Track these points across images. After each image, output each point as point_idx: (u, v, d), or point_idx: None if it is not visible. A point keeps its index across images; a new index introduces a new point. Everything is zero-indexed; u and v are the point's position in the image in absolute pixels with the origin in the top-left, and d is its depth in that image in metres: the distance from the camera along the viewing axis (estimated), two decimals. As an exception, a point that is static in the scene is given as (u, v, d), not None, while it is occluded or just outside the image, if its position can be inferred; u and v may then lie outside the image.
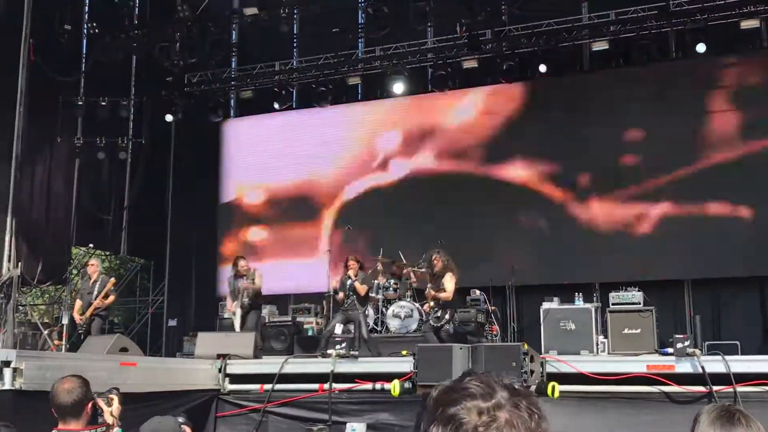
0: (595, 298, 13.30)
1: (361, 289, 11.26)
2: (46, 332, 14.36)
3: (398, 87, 15.72)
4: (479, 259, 14.51)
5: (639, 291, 11.61)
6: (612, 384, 8.10)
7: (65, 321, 12.06)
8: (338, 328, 11.02)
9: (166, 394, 8.70)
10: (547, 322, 11.09)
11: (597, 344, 10.83)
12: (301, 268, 15.56)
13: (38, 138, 14.92)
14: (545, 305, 11.33)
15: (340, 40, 15.81)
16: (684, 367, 8.20)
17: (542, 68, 14.65)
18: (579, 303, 11.49)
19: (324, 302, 14.16)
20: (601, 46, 14.65)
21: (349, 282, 11.27)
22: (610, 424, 7.68)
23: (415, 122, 15.99)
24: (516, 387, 1.48)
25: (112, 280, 12.28)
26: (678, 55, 14.46)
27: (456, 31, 15.30)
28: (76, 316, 11.59)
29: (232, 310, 11.73)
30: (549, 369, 8.36)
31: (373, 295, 13.29)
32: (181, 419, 4.65)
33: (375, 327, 13.14)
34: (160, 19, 16.23)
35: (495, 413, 1.42)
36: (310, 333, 13.55)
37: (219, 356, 9.99)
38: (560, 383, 8.08)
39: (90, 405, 4.26)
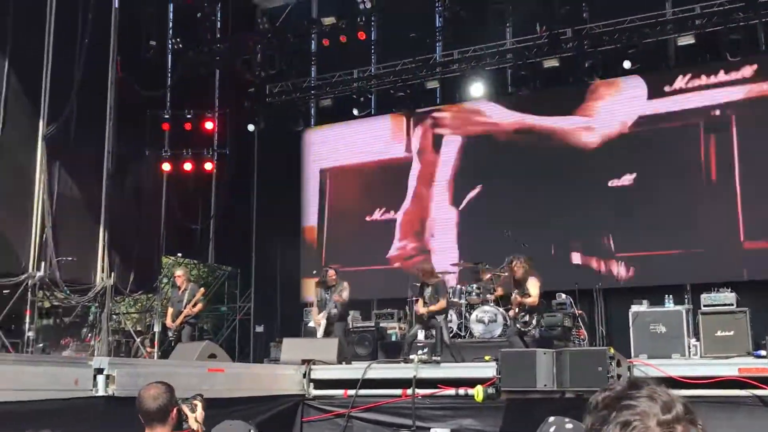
0: (686, 300, 12.93)
1: (437, 306, 11.08)
2: (139, 340, 14.77)
3: (477, 89, 15.63)
4: (565, 261, 14.31)
5: (732, 292, 11.22)
6: (702, 388, 7.82)
7: (157, 329, 12.39)
8: (420, 334, 10.98)
9: (253, 399, 8.84)
10: (636, 325, 10.82)
11: (689, 347, 10.50)
12: (384, 273, 15.59)
13: (127, 152, 15.37)
14: (634, 308, 11.07)
15: (417, 44, 15.83)
16: (778, 370, 7.88)
17: (626, 65, 14.33)
18: (669, 305, 11.19)
19: (407, 307, 14.15)
20: (686, 41, 14.26)
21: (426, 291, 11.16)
22: (700, 430, 7.42)
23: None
24: (687, 404, 1.51)
25: (202, 290, 12.60)
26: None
27: (536, 31, 15.12)
28: (168, 323, 11.91)
29: (318, 321, 11.81)
30: (636, 373, 8.14)
31: (455, 299, 13.23)
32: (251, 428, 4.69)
33: (458, 332, 13.07)
34: (241, 32, 16.59)
35: (674, 426, 1.45)
36: (393, 338, 13.57)
37: (304, 362, 10.09)
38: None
39: (175, 410, 4.33)
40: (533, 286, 10.92)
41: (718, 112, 14.11)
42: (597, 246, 14.68)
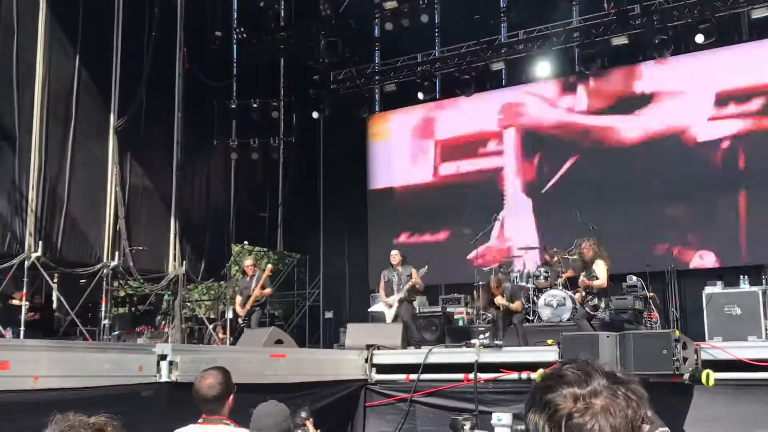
0: (763, 281, 12.46)
1: (516, 306, 11.05)
2: (211, 327, 15.06)
3: (543, 69, 15.35)
4: (636, 243, 14.01)
5: (811, 271, 10.81)
6: (775, 370, 7.53)
7: (229, 315, 12.57)
8: None
9: (315, 384, 8.90)
10: (710, 307, 10.45)
11: (766, 329, 10.10)
12: (450, 258, 15.48)
13: (196, 142, 15.65)
14: (708, 289, 10.70)
15: (482, 26, 15.62)
16: None
17: (699, 38, 13.82)
18: (745, 286, 10.78)
19: (474, 291, 14.04)
20: (761, 13, 13.69)
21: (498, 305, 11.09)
22: (770, 413, 7.15)
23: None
24: (618, 374, 1.48)
25: (270, 266, 12.70)
26: None
27: (603, 8, 14.76)
28: (238, 309, 12.08)
29: (388, 302, 11.78)
30: (705, 356, 7.86)
31: (523, 284, 13.07)
32: (303, 413, 4.70)
33: (527, 316, 12.89)
34: (304, 19, 16.65)
35: (590, 400, 1.43)
36: (460, 323, 13.46)
37: (368, 347, 10.10)
38: (720, 371, 7.58)
39: (232, 396, 4.34)
40: (600, 268, 10.73)
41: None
42: (670, 225, 14.35)
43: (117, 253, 13.73)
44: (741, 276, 11.16)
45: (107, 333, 13.07)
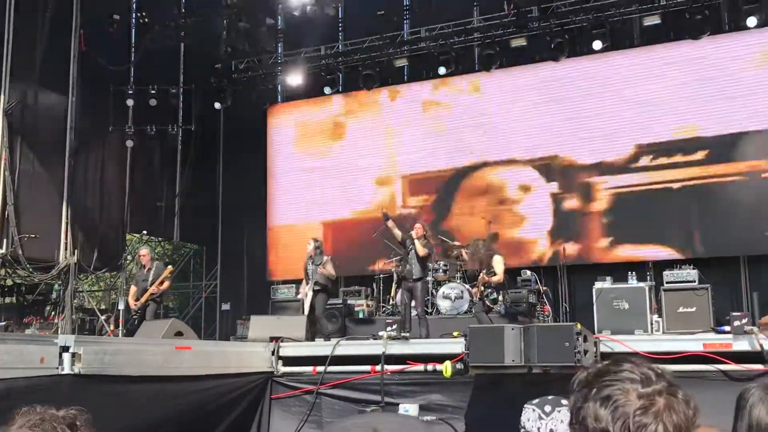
0: (648, 277, 13.08)
1: (421, 250, 11.11)
2: (102, 318, 14.66)
3: (443, 68, 15.57)
4: (529, 239, 14.44)
5: (694, 269, 11.45)
6: (667, 363, 7.93)
7: (121, 307, 12.28)
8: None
9: (221, 376, 8.82)
10: (600, 301, 10.94)
11: (651, 323, 10.66)
12: (350, 251, 15.57)
13: (91, 127, 15.17)
14: (598, 285, 11.19)
15: (385, 22, 15.72)
16: (741, 345, 8.04)
17: (596, 45, 14.31)
18: (632, 282, 11.31)
19: (374, 284, 14.21)
20: (652, 20, 14.33)
21: (410, 246, 11.20)
22: (666, 404, 7.53)
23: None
24: (668, 377, 1.53)
25: (170, 267, 12.49)
26: (731, 27, 14.06)
27: (503, 9, 15.10)
28: (131, 302, 11.81)
29: (305, 292, 11.74)
30: (603, 348, 8.24)
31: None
32: None
33: (425, 308, 13.13)
34: (207, 6, 16.35)
35: (654, 398, 1.47)
36: (361, 315, 13.59)
37: (272, 339, 10.07)
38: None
39: None
40: (498, 263, 11.09)
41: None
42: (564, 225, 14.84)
43: (5, 241, 13.18)
44: (629, 272, 11.71)
45: (-7, 324, 12.56)
